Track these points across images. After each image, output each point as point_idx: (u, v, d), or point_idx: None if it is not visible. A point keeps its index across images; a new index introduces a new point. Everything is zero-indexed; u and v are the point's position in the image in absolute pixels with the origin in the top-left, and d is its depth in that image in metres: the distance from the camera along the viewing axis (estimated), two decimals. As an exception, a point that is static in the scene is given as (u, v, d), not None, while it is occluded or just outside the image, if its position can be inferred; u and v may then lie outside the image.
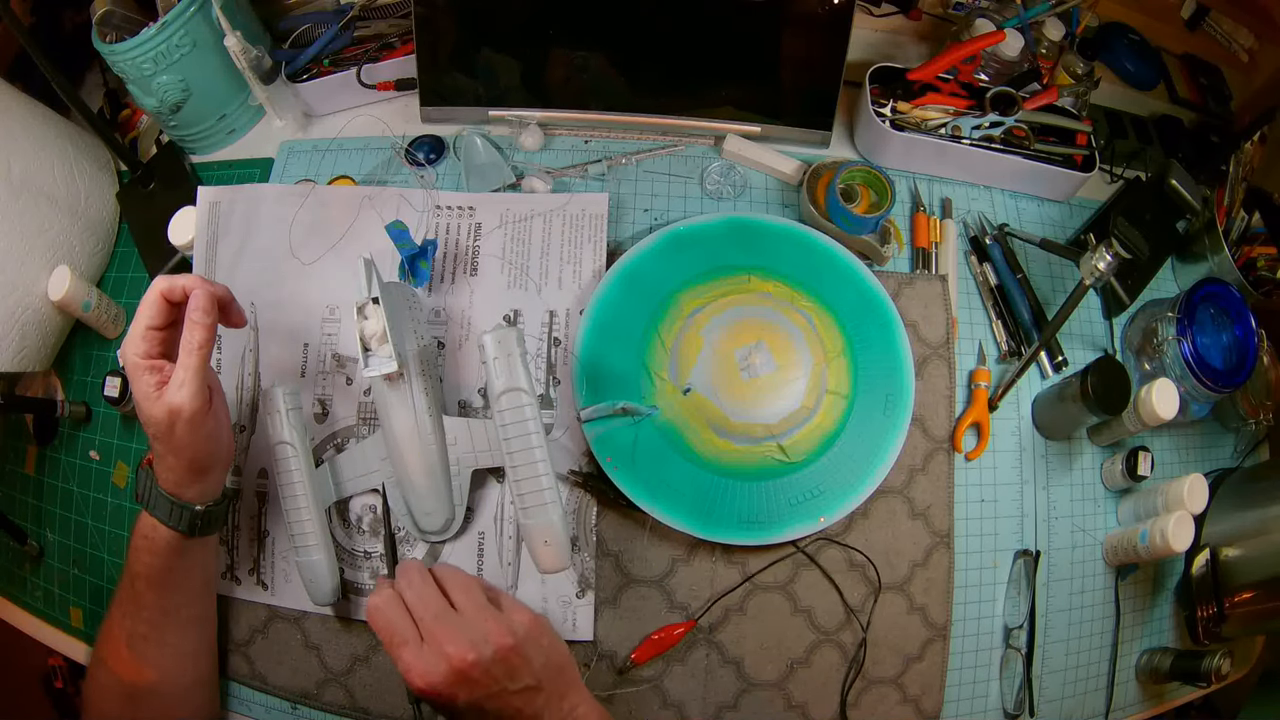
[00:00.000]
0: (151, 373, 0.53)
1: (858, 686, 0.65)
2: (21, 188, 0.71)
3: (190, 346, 0.52)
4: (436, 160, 0.79)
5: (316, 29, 0.81)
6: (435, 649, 0.50)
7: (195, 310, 0.53)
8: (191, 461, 0.55)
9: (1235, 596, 0.69)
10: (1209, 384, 0.71)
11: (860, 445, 0.66)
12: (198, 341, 0.52)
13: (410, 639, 0.50)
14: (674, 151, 0.80)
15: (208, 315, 0.53)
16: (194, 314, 0.53)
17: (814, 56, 0.76)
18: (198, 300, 0.53)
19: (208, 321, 0.53)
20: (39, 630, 0.74)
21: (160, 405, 0.52)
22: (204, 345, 0.53)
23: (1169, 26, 0.98)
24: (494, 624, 0.51)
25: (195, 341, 0.52)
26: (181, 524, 0.56)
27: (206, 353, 0.53)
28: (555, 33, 0.75)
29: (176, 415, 0.52)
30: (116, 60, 0.72)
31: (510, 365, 0.58)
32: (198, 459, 0.55)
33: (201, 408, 0.53)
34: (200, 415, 0.53)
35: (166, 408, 0.52)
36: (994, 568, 0.70)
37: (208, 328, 0.53)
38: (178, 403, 0.52)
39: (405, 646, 0.50)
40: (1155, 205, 0.79)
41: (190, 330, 0.52)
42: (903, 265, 0.76)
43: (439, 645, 0.50)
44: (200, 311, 0.53)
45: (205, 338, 0.53)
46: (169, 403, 0.52)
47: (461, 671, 0.49)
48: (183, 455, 0.54)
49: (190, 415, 0.52)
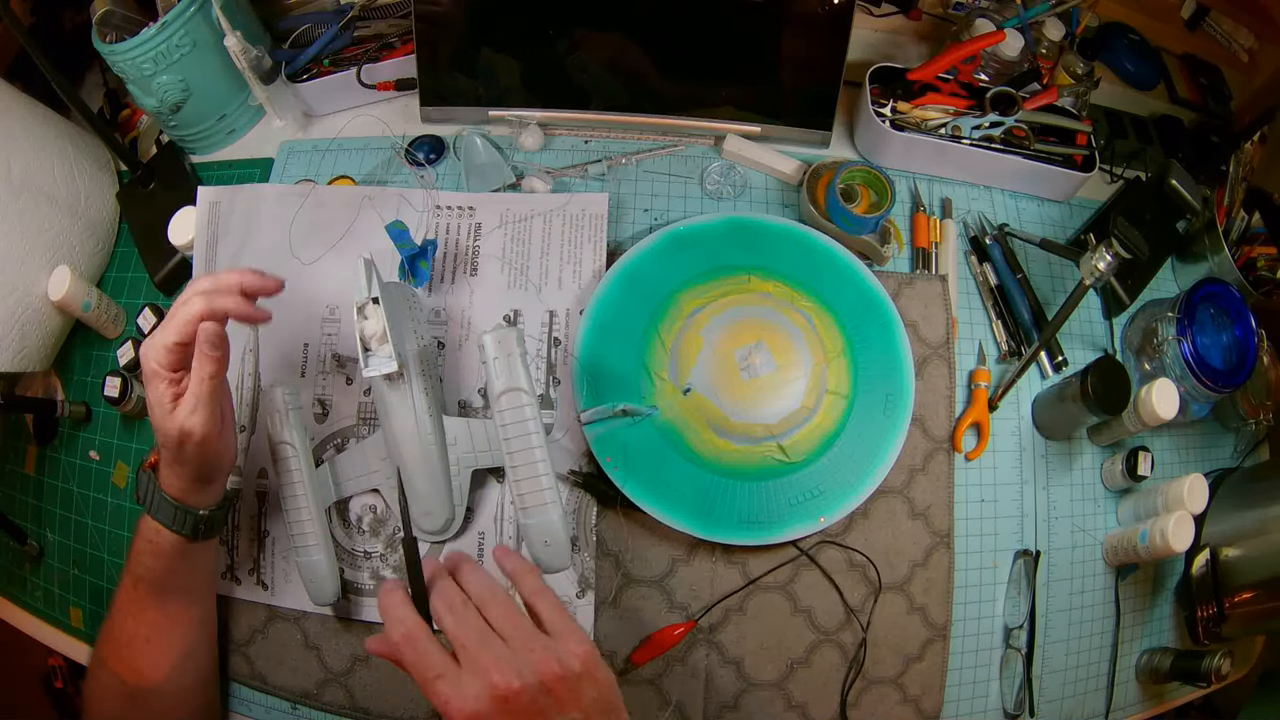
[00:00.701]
0: (169, 385, 0.53)
1: (858, 686, 0.65)
2: (21, 188, 0.71)
3: (200, 375, 0.52)
4: (436, 160, 0.79)
5: (316, 29, 0.81)
6: (477, 676, 0.44)
7: (204, 344, 0.52)
8: (198, 471, 0.55)
9: (1235, 596, 0.69)
10: (1209, 384, 0.71)
11: (860, 445, 0.66)
12: (208, 373, 0.52)
13: (447, 670, 0.45)
14: (674, 151, 0.80)
15: (215, 349, 0.53)
16: (203, 346, 0.52)
17: (814, 56, 0.76)
18: (206, 334, 0.52)
19: (216, 355, 0.53)
20: (39, 630, 0.74)
21: (172, 422, 0.52)
22: (214, 376, 0.53)
23: (1169, 26, 0.98)
24: (541, 652, 0.46)
25: (205, 373, 0.52)
26: (185, 528, 0.56)
27: (218, 382, 0.53)
28: (555, 33, 0.75)
29: (187, 437, 0.53)
30: (116, 60, 0.72)
31: (510, 365, 0.58)
32: (204, 470, 0.56)
33: (213, 430, 0.53)
34: (212, 439, 0.54)
35: (178, 428, 0.52)
36: (994, 568, 0.70)
37: (216, 361, 0.53)
38: (189, 427, 0.52)
39: (442, 679, 0.45)
40: (1155, 205, 0.79)
41: (200, 362, 0.52)
42: (903, 265, 0.76)
43: (483, 672, 0.44)
44: (208, 345, 0.52)
45: (215, 369, 0.53)
46: (181, 425, 0.52)
47: (505, 700, 0.44)
48: (189, 466, 0.55)
49: (201, 439, 0.53)
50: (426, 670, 0.45)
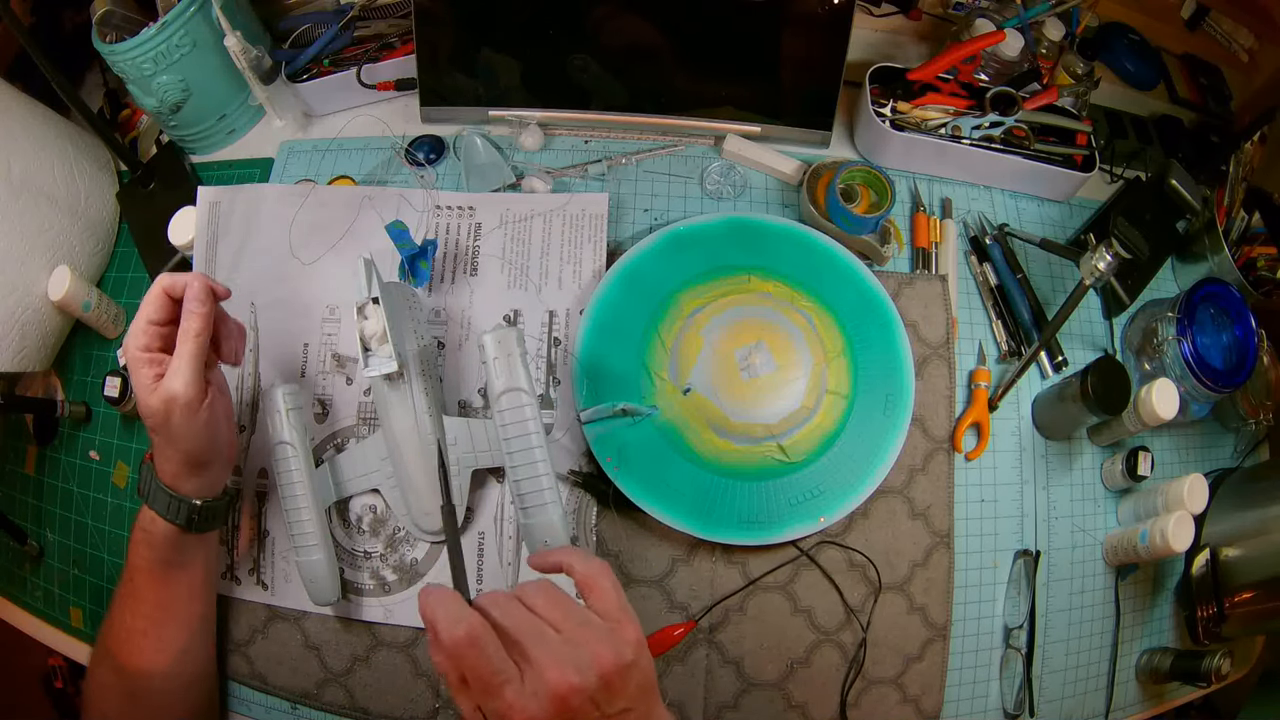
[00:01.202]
0: (150, 365, 0.53)
1: (858, 686, 0.65)
2: (21, 188, 0.71)
3: (186, 334, 0.53)
4: (436, 160, 0.79)
5: (316, 29, 0.81)
6: (537, 679, 0.41)
7: (191, 300, 0.53)
8: (188, 454, 0.55)
9: (1235, 596, 0.69)
10: (1209, 384, 0.71)
11: (860, 445, 0.66)
12: (194, 330, 0.53)
13: (513, 676, 0.41)
14: (674, 151, 0.80)
15: (203, 304, 0.53)
16: (190, 303, 0.53)
17: (814, 56, 0.76)
18: (194, 290, 0.54)
19: (203, 310, 0.53)
20: (39, 630, 0.74)
21: (157, 395, 0.53)
22: (200, 333, 0.53)
23: (1169, 26, 0.98)
24: (599, 644, 0.43)
25: (191, 329, 0.53)
26: (179, 518, 0.56)
27: (204, 340, 0.54)
28: (555, 33, 0.75)
29: (173, 403, 0.52)
30: (116, 60, 0.72)
31: (510, 365, 0.58)
32: (194, 451, 0.55)
33: (197, 396, 0.53)
34: (195, 403, 0.53)
35: (163, 396, 0.52)
36: (994, 568, 0.70)
37: (203, 316, 0.53)
38: (174, 390, 0.52)
39: (509, 685, 0.41)
40: (1155, 205, 0.79)
41: (186, 318, 0.53)
42: (903, 265, 0.76)
43: (540, 673, 0.41)
44: (196, 301, 0.53)
45: (201, 326, 0.53)
46: (165, 390, 0.52)
47: (564, 699, 0.41)
48: (179, 446, 0.55)
49: (186, 402, 0.53)
50: (493, 675, 0.41)
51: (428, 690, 0.64)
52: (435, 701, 0.64)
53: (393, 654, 0.65)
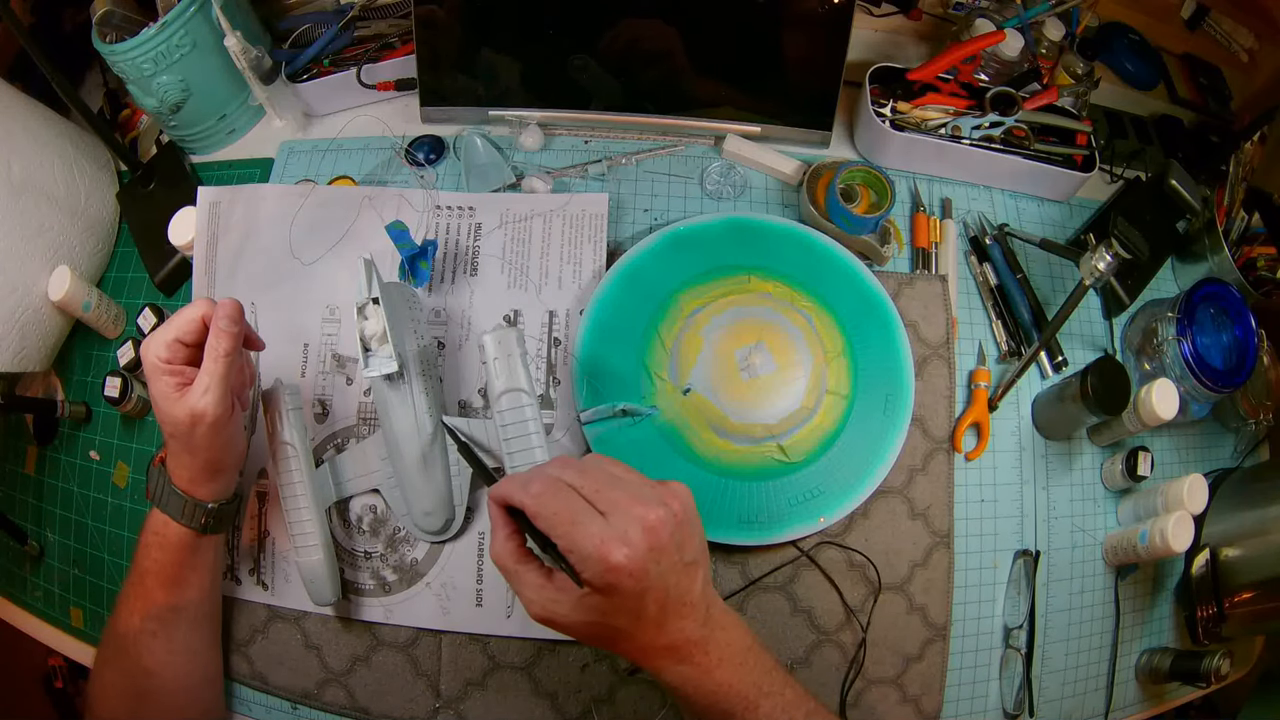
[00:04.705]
0: (173, 375, 0.53)
1: (858, 686, 0.65)
2: (21, 188, 0.71)
3: (215, 353, 0.53)
4: (436, 160, 0.79)
5: (316, 29, 0.81)
6: (624, 515, 0.42)
7: (223, 319, 0.53)
8: (208, 462, 0.55)
9: (1235, 596, 0.69)
10: (1209, 384, 0.71)
11: (860, 445, 0.66)
12: (224, 349, 0.53)
13: (593, 515, 0.43)
14: (674, 151, 0.80)
15: (234, 324, 0.53)
16: (222, 321, 0.53)
17: (814, 56, 0.76)
18: (227, 309, 0.53)
19: (234, 330, 0.53)
20: (39, 630, 0.74)
21: (182, 407, 0.53)
22: (230, 353, 0.53)
23: (1169, 26, 0.98)
24: (666, 493, 0.45)
25: (221, 349, 0.53)
26: (194, 521, 0.56)
27: (233, 360, 0.54)
28: (555, 33, 0.75)
29: (199, 420, 0.53)
30: (116, 60, 0.72)
31: (510, 365, 0.58)
32: (214, 460, 0.56)
33: (225, 413, 0.53)
34: (223, 421, 0.54)
35: (189, 410, 0.52)
36: (994, 568, 0.70)
37: (234, 336, 0.53)
38: (201, 408, 0.52)
39: (594, 520, 0.42)
40: (1155, 205, 0.79)
41: (216, 337, 0.53)
42: (903, 265, 0.76)
43: (626, 509, 0.42)
44: (228, 319, 0.53)
45: (231, 345, 0.53)
46: (192, 407, 0.52)
47: (654, 529, 0.42)
48: (199, 455, 0.55)
49: (214, 421, 0.53)
50: (576, 514, 0.43)
51: (428, 690, 0.64)
52: (435, 701, 0.64)
53: (393, 654, 0.65)
